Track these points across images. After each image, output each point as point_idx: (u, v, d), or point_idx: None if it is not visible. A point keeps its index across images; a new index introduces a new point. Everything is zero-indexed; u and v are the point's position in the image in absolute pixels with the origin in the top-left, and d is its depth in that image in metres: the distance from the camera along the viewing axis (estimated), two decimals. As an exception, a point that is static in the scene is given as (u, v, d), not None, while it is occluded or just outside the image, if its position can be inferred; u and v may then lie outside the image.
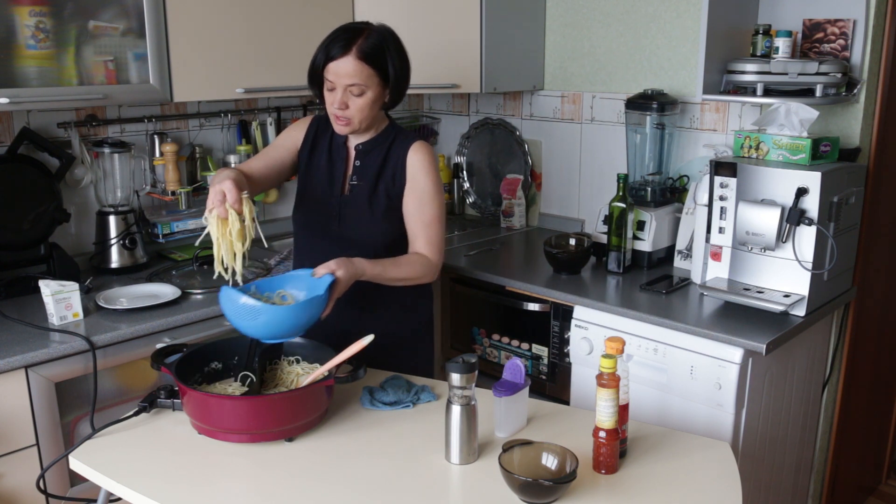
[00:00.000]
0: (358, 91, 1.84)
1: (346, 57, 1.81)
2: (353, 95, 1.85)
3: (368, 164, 1.99)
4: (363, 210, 1.98)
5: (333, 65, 1.83)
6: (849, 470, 2.80)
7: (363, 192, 1.98)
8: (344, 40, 1.82)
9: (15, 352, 1.90)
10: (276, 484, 1.45)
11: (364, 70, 1.82)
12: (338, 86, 1.84)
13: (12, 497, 1.95)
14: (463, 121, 3.46)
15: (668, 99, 2.64)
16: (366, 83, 1.83)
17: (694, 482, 1.47)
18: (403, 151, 1.98)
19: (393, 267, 1.88)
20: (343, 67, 1.82)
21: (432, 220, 1.97)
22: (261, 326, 1.61)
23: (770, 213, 2.12)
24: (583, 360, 2.36)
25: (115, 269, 2.54)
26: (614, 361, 1.46)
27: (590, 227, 2.99)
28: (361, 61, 1.82)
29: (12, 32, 2.04)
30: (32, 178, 2.35)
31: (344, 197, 1.99)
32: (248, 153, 2.85)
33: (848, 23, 2.33)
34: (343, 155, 2.01)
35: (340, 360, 1.66)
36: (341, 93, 1.85)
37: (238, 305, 1.60)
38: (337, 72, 1.83)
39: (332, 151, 2.02)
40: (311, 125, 2.06)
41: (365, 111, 1.87)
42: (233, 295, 1.61)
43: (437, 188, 1.99)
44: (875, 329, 2.75)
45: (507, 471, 1.38)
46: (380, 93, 1.88)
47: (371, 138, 1.99)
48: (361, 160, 1.99)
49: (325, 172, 2.01)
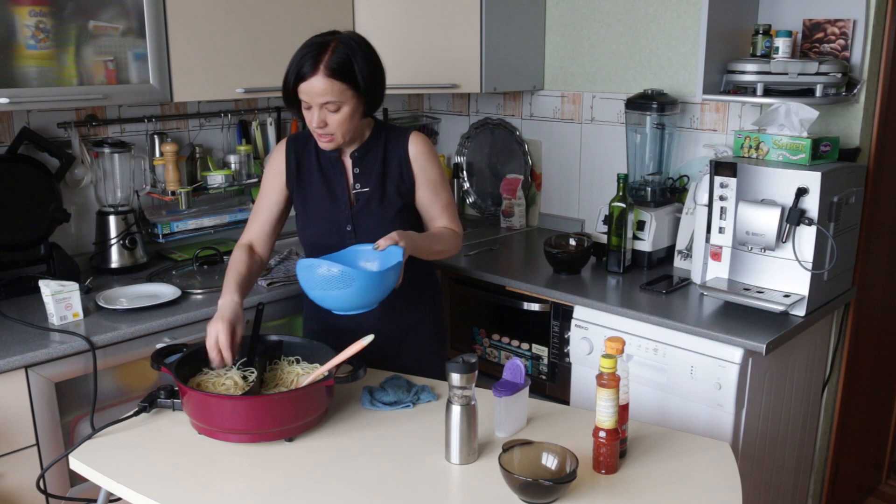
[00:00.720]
0: (333, 107, 1.82)
1: (316, 76, 1.79)
2: (329, 112, 1.83)
3: (368, 168, 1.98)
4: (376, 215, 1.98)
5: (304, 85, 1.81)
6: (849, 470, 2.79)
7: (372, 197, 1.98)
8: (311, 58, 1.79)
9: (15, 352, 1.90)
10: (276, 484, 1.46)
11: (335, 86, 1.79)
12: (313, 105, 1.83)
13: (12, 497, 1.95)
14: (463, 121, 3.46)
15: (668, 99, 2.64)
16: (339, 98, 1.81)
17: (694, 482, 1.47)
18: (402, 146, 1.98)
19: (436, 240, 1.96)
20: (314, 87, 1.80)
21: (448, 202, 2.05)
22: (353, 295, 1.61)
23: (770, 213, 2.12)
24: (583, 360, 2.36)
25: (115, 269, 2.54)
26: (614, 361, 1.46)
27: (590, 227, 2.99)
28: (331, 78, 1.79)
29: (12, 32, 2.04)
30: (32, 178, 2.35)
31: (354, 209, 1.99)
32: (248, 153, 2.85)
33: (848, 23, 2.33)
34: (339, 168, 2.00)
35: (340, 359, 1.66)
36: (318, 111, 1.83)
37: (327, 274, 1.59)
38: (309, 91, 1.81)
39: (324, 167, 2.00)
40: (288, 149, 2.03)
41: (345, 125, 1.86)
42: (319, 264, 1.61)
43: (443, 172, 2.05)
44: (875, 329, 2.75)
45: (507, 471, 1.38)
46: (356, 104, 1.85)
47: (363, 143, 1.99)
48: (360, 166, 1.99)
49: (324, 190, 2.00)
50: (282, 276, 2.44)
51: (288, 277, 2.43)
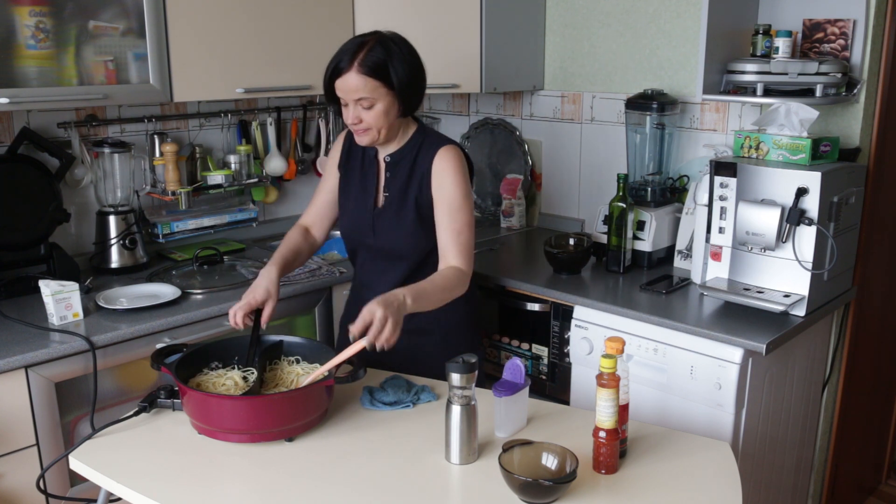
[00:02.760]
0: (367, 104, 1.85)
1: (350, 72, 1.82)
2: (363, 108, 1.86)
3: (398, 176, 1.99)
4: (394, 222, 1.98)
5: (339, 81, 1.85)
6: (849, 470, 2.79)
7: (394, 204, 1.99)
8: (348, 55, 1.83)
9: (15, 352, 1.90)
10: (276, 484, 1.46)
11: (368, 83, 1.82)
12: (348, 101, 1.86)
13: (12, 497, 1.95)
14: (463, 121, 3.46)
15: (668, 99, 2.64)
16: (372, 95, 1.84)
17: (694, 482, 1.47)
18: (430, 158, 1.96)
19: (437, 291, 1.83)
20: (348, 83, 1.83)
21: (462, 227, 1.93)
22: None
23: (770, 213, 2.12)
24: (583, 360, 2.36)
25: (115, 269, 2.54)
26: (614, 361, 1.46)
27: (590, 227, 2.99)
28: (364, 75, 1.82)
29: (12, 32, 2.04)
30: (32, 178, 2.35)
31: (377, 210, 2.01)
32: (248, 153, 2.85)
33: (848, 23, 2.33)
34: (374, 168, 2.03)
35: (339, 360, 1.66)
36: (353, 107, 1.87)
37: None
38: (343, 87, 1.84)
39: (365, 164, 2.05)
40: (345, 140, 2.10)
41: (380, 121, 1.87)
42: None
43: (465, 194, 1.94)
44: (875, 329, 2.75)
45: (507, 471, 1.38)
46: (391, 102, 1.87)
47: (398, 149, 1.99)
48: (391, 172, 2.00)
49: (359, 185, 2.04)
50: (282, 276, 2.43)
51: (288, 277, 2.43)
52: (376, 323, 1.61)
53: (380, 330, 1.61)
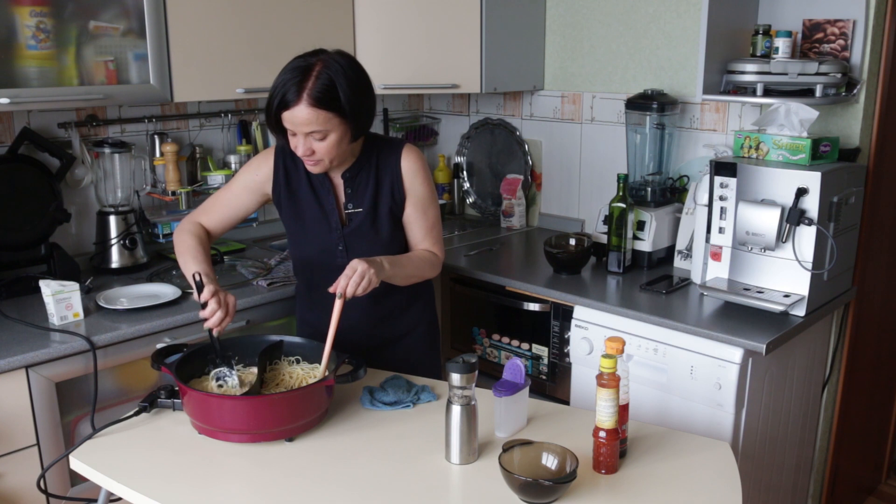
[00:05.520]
0: (319, 136, 1.75)
1: (299, 105, 1.70)
2: (315, 140, 1.76)
3: (361, 188, 1.93)
4: (369, 236, 1.94)
5: (287, 114, 1.72)
6: (849, 470, 2.80)
7: (365, 218, 1.93)
8: (294, 85, 1.70)
9: (15, 352, 1.90)
10: (276, 484, 1.46)
11: (320, 115, 1.71)
12: (298, 133, 1.75)
13: (13, 497, 1.95)
14: (463, 121, 3.46)
15: (668, 99, 2.64)
16: (325, 127, 1.73)
17: (694, 482, 1.47)
18: (395, 161, 1.92)
19: (411, 265, 1.92)
20: (297, 116, 1.71)
21: (435, 222, 2.00)
22: None
23: (770, 213, 2.12)
24: (583, 360, 2.36)
25: (115, 269, 2.54)
26: (614, 361, 1.46)
27: (590, 227, 2.99)
28: (314, 108, 1.70)
29: (13, 32, 2.04)
30: (33, 178, 2.35)
31: (346, 229, 1.94)
32: (248, 153, 2.85)
33: (848, 23, 2.33)
34: (328, 186, 1.93)
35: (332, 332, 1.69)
36: (303, 139, 1.76)
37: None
38: (292, 120, 1.73)
39: (314, 184, 1.94)
40: (277, 158, 1.96)
41: (333, 151, 1.78)
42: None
43: (432, 190, 1.99)
44: (875, 329, 2.75)
45: (507, 471, 1.38)
46: (343, 131, 1.77)
47: (354, 163, 1.92)
48: (352, 186, 1.93)
49: (315, 206, 1.94)
50: (281, 276, 2.44)
51: (288, 277, 2.43)
52: (356, 276, 1.71)
53: (358, 282, 1.71)
